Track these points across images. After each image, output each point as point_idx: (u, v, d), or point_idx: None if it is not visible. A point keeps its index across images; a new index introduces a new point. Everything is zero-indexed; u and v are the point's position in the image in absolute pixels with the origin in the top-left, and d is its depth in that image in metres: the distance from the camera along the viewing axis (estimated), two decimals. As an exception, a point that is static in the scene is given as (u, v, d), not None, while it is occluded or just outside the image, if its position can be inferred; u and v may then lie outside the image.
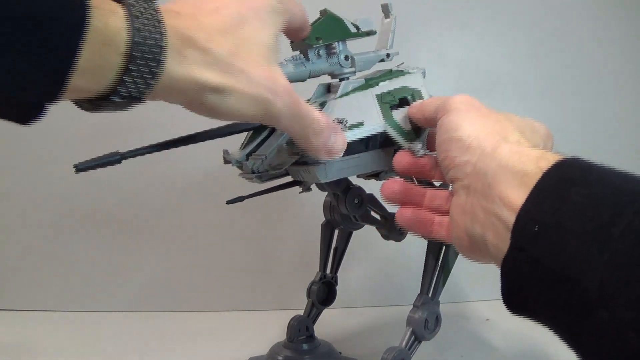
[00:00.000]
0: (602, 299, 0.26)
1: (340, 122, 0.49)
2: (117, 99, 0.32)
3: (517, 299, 0.32)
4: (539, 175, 0.31)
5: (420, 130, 0.51)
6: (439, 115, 0.42)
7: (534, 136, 0.41)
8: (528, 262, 0.30)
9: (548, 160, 0.32)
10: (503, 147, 0.35)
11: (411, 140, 0.51)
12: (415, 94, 0.54)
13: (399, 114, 0.52)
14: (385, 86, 0.53)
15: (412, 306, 0.59)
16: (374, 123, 0.50)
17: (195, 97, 0.35)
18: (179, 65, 0.33)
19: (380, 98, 0.52)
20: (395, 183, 0.47)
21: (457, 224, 0.38)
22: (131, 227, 0.95)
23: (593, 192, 0.28)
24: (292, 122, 0.39)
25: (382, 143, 0.54)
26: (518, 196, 0.31)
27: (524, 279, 0.30)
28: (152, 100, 0.34)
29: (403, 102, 0.53)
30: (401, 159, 0.48)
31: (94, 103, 0.33)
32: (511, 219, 0.31)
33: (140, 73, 0.31)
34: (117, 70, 0.30)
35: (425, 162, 0.47)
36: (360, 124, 0.50)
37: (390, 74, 0.55)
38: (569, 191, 0.29)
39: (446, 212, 0.43)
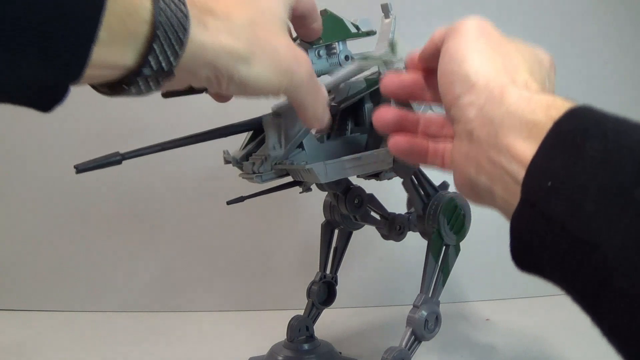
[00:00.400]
0: (622, 266, 0.24)
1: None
2: (147, 72, 0.31)
3: (527, 257, 0.29)
4: (549, 125, 0.28)
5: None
6: (446, 38, 0.38)
7: (542, 71, 0.38)
8: (540, 219, 0.27)
9: (558, 108, 0.29)
10: (512, 92, 0.32)
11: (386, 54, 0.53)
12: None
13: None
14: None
15: (412, 306, 0.59)
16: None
17: (223, 68, 0.34)
18: (204, 33, 0.32)
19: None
20: (388, 111, 0.43)
21: (460, 171, 0.35)
22: (131, 227, 0.95)
23: (610, 147, 0.26)
24: (309, 92, 0.40)
25: (381, 142, 0.54)
26: (528, 148, 0.29)
27: (535, 237, 0.28)
28: (175, 85, 0.34)
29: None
30: (388, 83, 0.43)
31: (116, 87, 0.32)
32: (521, 172, 0.29)
33: (167, 40, 0.30)
34: (143, 39, 0.30)
35: (410, 81, 0.43)
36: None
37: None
38: (584, 145, 0.26)
39: (442, 139, 0.41)
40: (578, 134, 0.27)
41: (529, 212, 0.28)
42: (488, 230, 0.60)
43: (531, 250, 0.29)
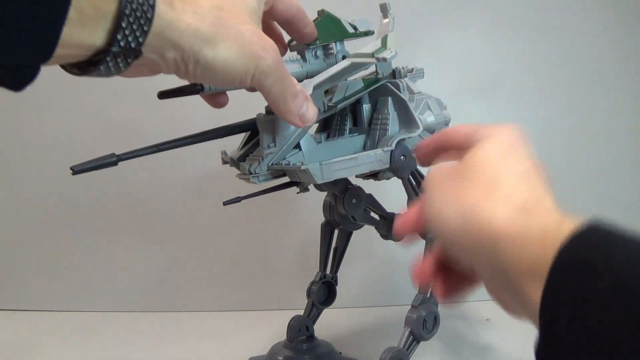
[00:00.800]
0: None
1: None
2: (116, 49, 0.31)
3: None
4: (550, 262, 0.26)
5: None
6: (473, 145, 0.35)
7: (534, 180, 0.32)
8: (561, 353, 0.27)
9: (554, 236, 0.27)
10: (501, 233, 0.29)
11: (378, 52, 0.52)
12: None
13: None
14: None
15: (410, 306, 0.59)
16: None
17: (188, 49, 0.34)
18: (170, 12, 0.33)
19: None
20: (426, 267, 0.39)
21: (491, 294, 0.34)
22: (131, 227, 0.95)
23: (620, 281, 0.24)
24: (276, 82, 0.39)
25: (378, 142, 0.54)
26: (537, 292, 0.27)
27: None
28: (147, 62, 0.34)
29: None
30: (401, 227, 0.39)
31: (86, 68, 0.32)
32: (534, 306, 0.28)
33: (135, 18, 0.31)
34: (111, 18, 0.30)
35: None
36: None
37: None
38: (594, 287, 0.24)
39: None
40: (583, 272, 0.25)
41: (548, 349, 0.28)
42: None
43: None
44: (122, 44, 0.31)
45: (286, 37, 0.55)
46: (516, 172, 0.31)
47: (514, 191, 0.30)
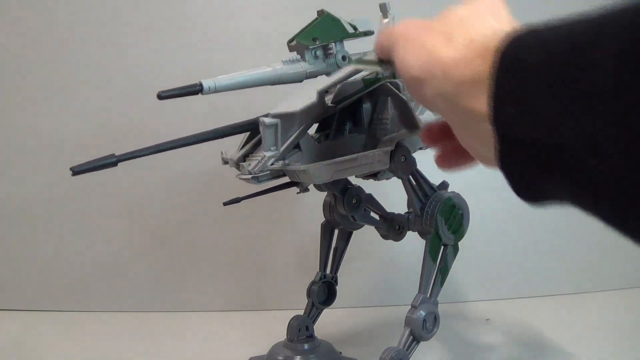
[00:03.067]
0: (584, 156, 0.24)
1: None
2: None
3: (525, 189, 0.29)
4: (488, 72, 0.28)
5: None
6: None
7: (478, 15, 0.35)
8: (513, 146, 0.28)
9: (491, 47, 0.29)
10: (448, 61, 0.32)
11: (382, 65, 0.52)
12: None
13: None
14: None
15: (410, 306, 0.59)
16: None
17: None
18: None
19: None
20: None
21: (473, 154, 0.36)
22: (131, 227, 0.95)
23: (552, 47, 0.26)
24: None
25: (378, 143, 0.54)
26: (482, 101, 0.29)
27: (518, 166, 0.28)
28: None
29: None
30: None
31: None
32: (486, 121, 0.29)
33: None
34: None
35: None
36: None
37: None
38: (526, 61, 0.26)
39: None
40: (519, 54, 0.27)
41: (505, 147, 0.28)
42: (488, 230, 0.60)
43: (523, 181, 0.29)
44: None
45: (285, 36, 0.55)
46: (486, 23, 0.33)
47: (473, 35, 0.32)
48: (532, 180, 0.28)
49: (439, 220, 0.59)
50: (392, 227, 0.64)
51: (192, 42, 0.90)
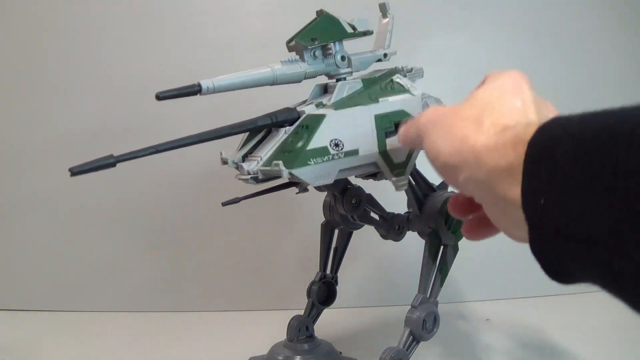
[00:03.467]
0: (616, 249, 0.25)
1: (337, 145, 0.50)
2: None
3: (557, 274, 0.30)
4: (522, 159, 0.29)
5: (407, 165, 0.53)
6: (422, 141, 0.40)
7: (506, 98, 0.37)
8: (544, 235, 0.29)
9: (524, 139, 0.30)
10: (480, 149, 0.33)
11: (398, 174, 0.53)
12: None
13: (392, 143, 0.52)
14: (385, 106, 0.53)
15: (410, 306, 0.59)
16: (368, 151, 0.51)
17: None
18: None
19: (379, 121, 0.52)
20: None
21: (505, 232, 0.36)
22: (131, 227, 0.95)
23: (577, 143, 0.27)
24: None
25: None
26: (516, 189, 0.30)
27: (547, 251, 0.29)
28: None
29: (398, 128, 0.52)
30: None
31: None
32: (519, 211, 0.30)
33: None
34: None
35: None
36: (355, 152, 0.51)
37: (392, 88, 0.55)
38: (554, 155, 0.27)
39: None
40: (548, 150, 0.28)
41: (535, 235, 0.29)
42: None
43: (554, 267, 0.30)
44: None
45: (286, 37, 0.55)
46: (511, 105, 0.35)
47: (503, 121, 0.33)
48: (562, 266, 0.29)
49: (439, 220, 0.59)
50: (392, 227, 0.64)
51: (193, 42, 0.90)
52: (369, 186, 0.64)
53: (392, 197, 0.65)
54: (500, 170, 0.31)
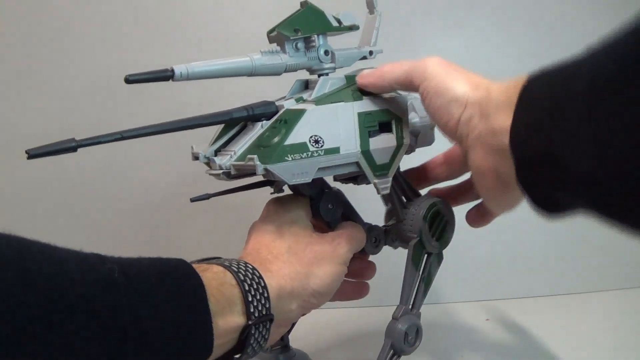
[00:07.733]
0: (580, 165, 0.31)
1: (317, 142, 0.47)
2: (252, 321, 0.43)
3: (541, 201, 0.36)
4: (516, 97, 0.36)
5: (390, 167, 0.52)
6: (416, 82, 0.46)
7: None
8: (527, 161, 0.35)
9: (519, 83, 0.37)
10: (493, 88, 0.41)
11: (380, 176, 0.51)
12: (396, 122, 0.52)
13: (375, 143, 0.50)
14: (369, 104, 0.51)
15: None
16: (349, 150, 0.49)
17: (303, 291, 0.48)
18: (273, 278, 0.46)
19: (362, 119, 0.50)
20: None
21: (487, 174, 0.42)
22: (131, 227, 0.93)
23: (550, 79, 0.34)
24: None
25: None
26: (506, 120, 0.37)
27: (535, 180, 0.35)
28: None
29: (382, 128, 0.51)
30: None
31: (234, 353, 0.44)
32: (507, 139, 0.37)
33: (256, 293, 0.44)
34: (240, 302, 0.43)
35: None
36: (336, 150, 0.48)
37: None
38: (534, 93, 0.35)
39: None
40: (532, 89, 0.36)
41: (520, 164, 0.36)
42: (487, 230, 0.57)
43: (539, 193, 0.35)
44: (255, 315, 0.43)
45: (269, 25, 0.52)
46: (458, 76, 0.44)
47: (465, 89, 0.43)
48: (545, 191, 0.35)
49: (423, 227, 0.56)
50: (369, 238, 0.60)
51: (187, 42, 0.89)
52: (348, 193, 0.61)
53: (373, 204, 0.63)
54: (501, 103, 0.38)
